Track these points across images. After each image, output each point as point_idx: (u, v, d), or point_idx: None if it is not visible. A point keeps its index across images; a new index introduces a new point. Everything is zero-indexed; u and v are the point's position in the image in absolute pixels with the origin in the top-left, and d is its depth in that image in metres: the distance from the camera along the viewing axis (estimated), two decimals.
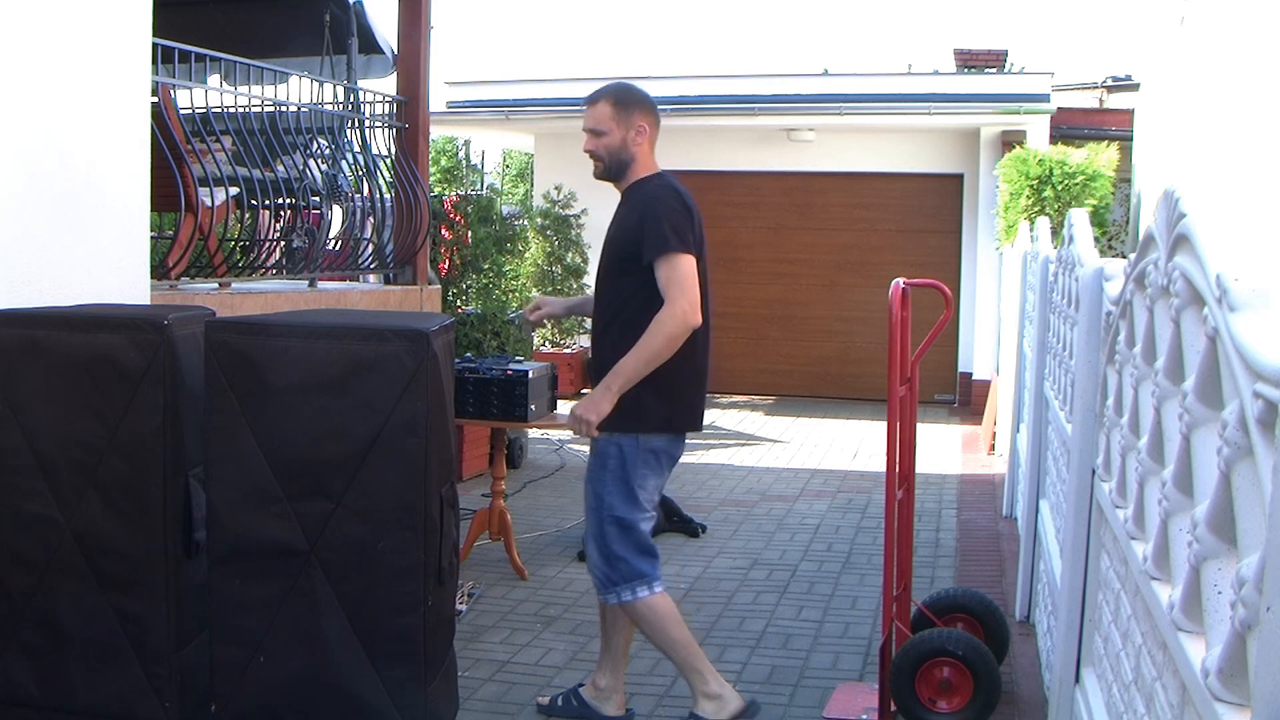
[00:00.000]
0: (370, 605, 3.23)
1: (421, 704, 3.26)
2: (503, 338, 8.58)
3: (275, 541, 3.24)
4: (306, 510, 3.22)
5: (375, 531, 3.20)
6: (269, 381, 3.23)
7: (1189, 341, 1.82)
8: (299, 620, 3.25)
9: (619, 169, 3.90)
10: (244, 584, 3.29)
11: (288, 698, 3.28)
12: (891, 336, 3.97)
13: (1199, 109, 7.81)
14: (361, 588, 3.23)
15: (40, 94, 3.88)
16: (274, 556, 3.25)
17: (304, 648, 3.25)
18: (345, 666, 3.23)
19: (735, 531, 6.81)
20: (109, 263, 4.19)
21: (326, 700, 3.25)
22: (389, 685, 3.23)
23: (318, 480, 3.22)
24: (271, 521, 3.23)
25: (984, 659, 3.87)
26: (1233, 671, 1.40)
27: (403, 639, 3.23)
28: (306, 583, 3.24)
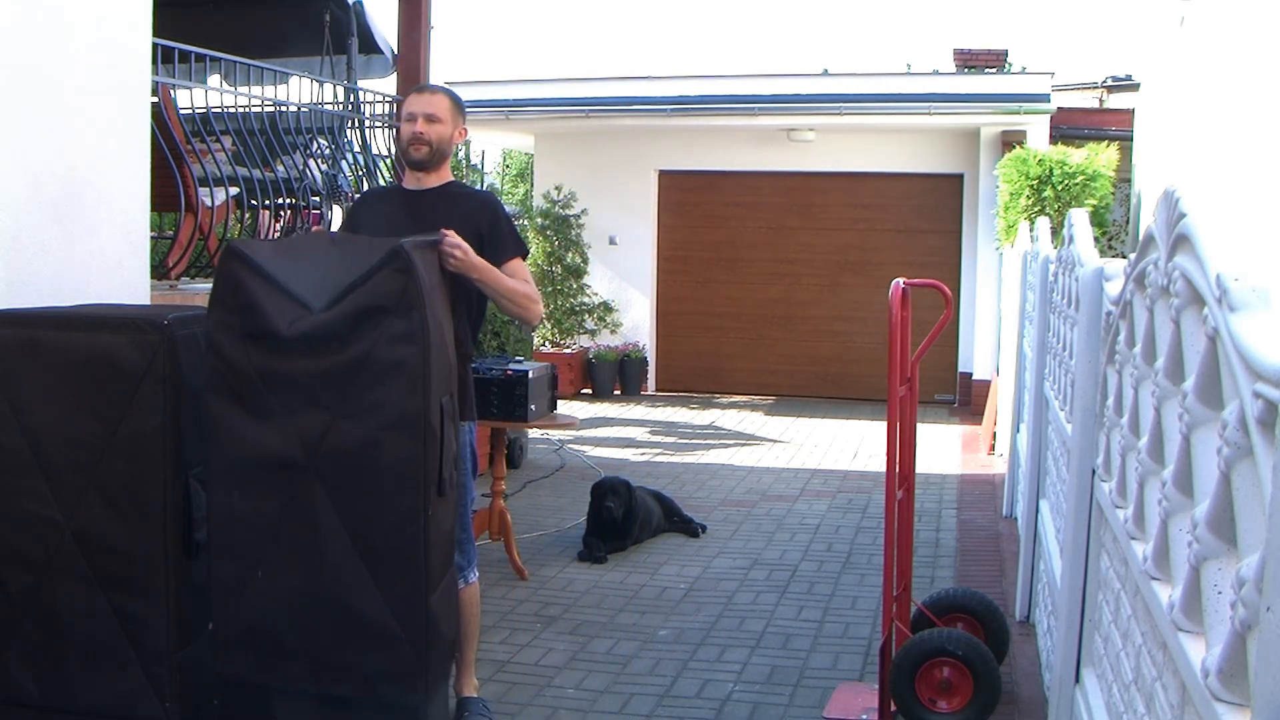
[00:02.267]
0: (370, 517, 3.18)
1: (423, 617, 3.22)
2: (503, 338, 8.58)
3: (274, 454, 3.20)
4: (305, 423, 3.18)
5: (374, 442, 3.16)
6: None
7: (1189, 341, 1.82)
8: (297, 534, 3.21)
9: (437, 160, 3.96)
10: (242, 498, 3.24)
11: (286, 613, 3.25)
12: (891, 336, 3.97)
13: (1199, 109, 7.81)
14: (360, 500, 3.18)
15: (40, 94, 3.88)
16: (272, 470, 3.21)
17: (302, 562, 3.21)
18: (344, 580, 3.18)
19: (735, 531, 6.81)
20: (109, 263, 4.19)
21: (325, 615, 3.22)
22: (389, 598, 3.19)
23: (314, 392, 3.19)
24: (270, 434, 3.19)
25: (984, 659, 3.87)
26: (1233, 671, 1.40)
27: (403, 551, 3.18)
28: (305, 496, 3.19)
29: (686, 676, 4.50)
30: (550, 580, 5.77)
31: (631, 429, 10.54)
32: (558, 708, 4.18)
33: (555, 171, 13.09)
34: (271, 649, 3.29)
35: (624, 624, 5.12)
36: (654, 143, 12.81)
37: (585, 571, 5.93)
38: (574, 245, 12.56)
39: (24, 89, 3.81)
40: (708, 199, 12.91)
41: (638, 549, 6.32)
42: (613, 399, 12.38)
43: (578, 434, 9.54)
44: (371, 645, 3.22)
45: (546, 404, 5.95)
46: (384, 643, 3.21)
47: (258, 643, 3.30)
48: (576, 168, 12.95)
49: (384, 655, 3.23)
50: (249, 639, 3.30)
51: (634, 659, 4.69)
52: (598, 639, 4.92)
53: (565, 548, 6.35)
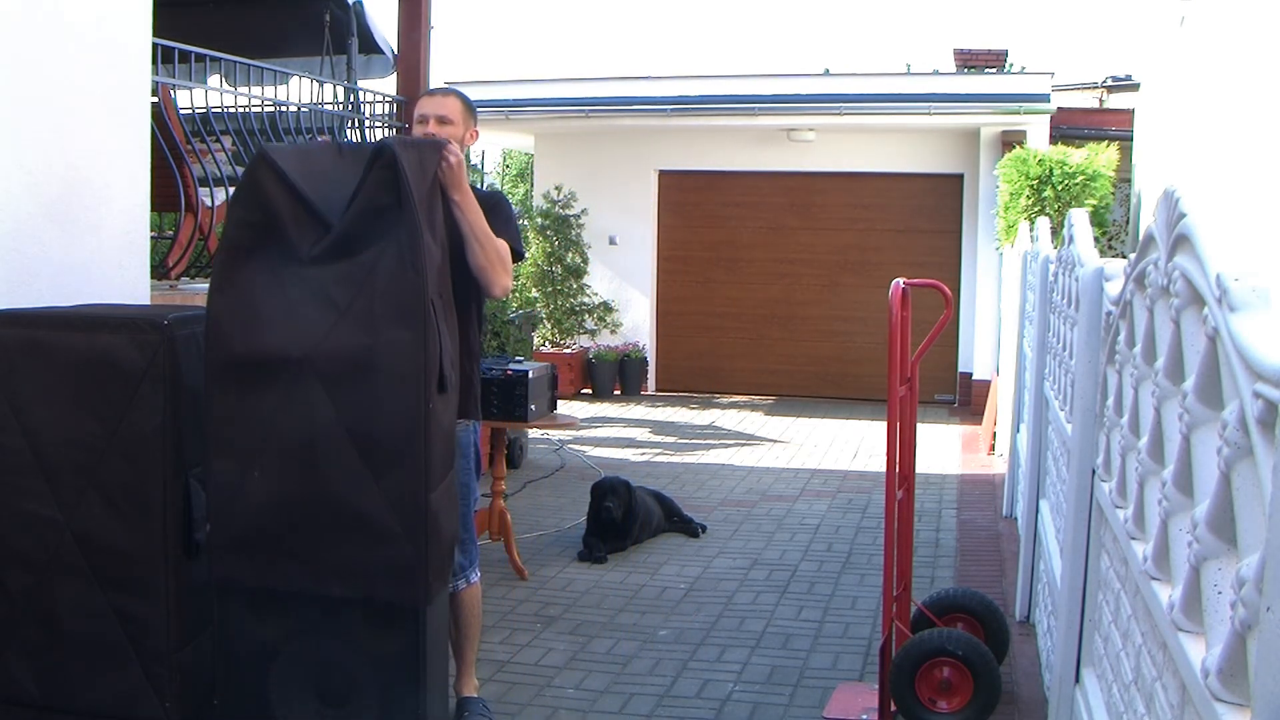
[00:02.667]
0: (370, 414, 3.16)
1: (423, 513, 3.18)
2: (503, 338, 8.58)
3: (274, 353, 3.18)
4: (309, 321, 3.18)
5: (372, 337, 3.14)
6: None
7: (1189, 341, 1.82)
8: (296, 432, 3.18)
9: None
10: (239, 397, 3.22)
11: (284, 513, 3.22)
12: (891, 336, 3.97)
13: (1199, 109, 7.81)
14: (360, 397, 3.15)
15: (40, 94, 3.88)
16: (272, 368, 3.18)
17: (301, 460, 3.19)
18: (343, 478, 3.16)
19: (735, 531, 6.81)
20: (109, 263, 4.19)
21: (324, 513, 3.19)
22: (388, 495, 3.16)
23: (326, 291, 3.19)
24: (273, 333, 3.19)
25: (984, 659, 3.87)
26: (1233, 671, 1.40)
27: (403, 447, 3.15)
28: (304, 394, 3.16)
29: (686, 676, 4.51)
30: (550, 580, 5.77)
31: (631, 429, 10.54)
32: (558, 708, 4.18)
33: (555, 171, 13.09)
34: (268, 551, 3.25)
35: (624, 624, 5.12)
36: (654, 143, 12.81)
37: (585, 571, 5.93)
38: (574, 245, 12.56)
39: (24, 89, 3.81)
40: (708, 199, 12.90)
41: (638, 549, 6.32)
42: (613, 399, 12.38)
43: (578, 434, 9.54)
44: (370, 542, 3.18)
45: (546, 404, 5.95)
46: (383, 539, 3.17)
47: (254, 545, 3.26)
48: (576, 168, 12.95)
49: (383, 552, 3.19)
50: (245, 542, 3.27)
51: (634, 659, 4.69)
52: (598, 639, 4.92)
53: (565, 548, 6.35)
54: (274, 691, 3.35)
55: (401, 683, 3.30)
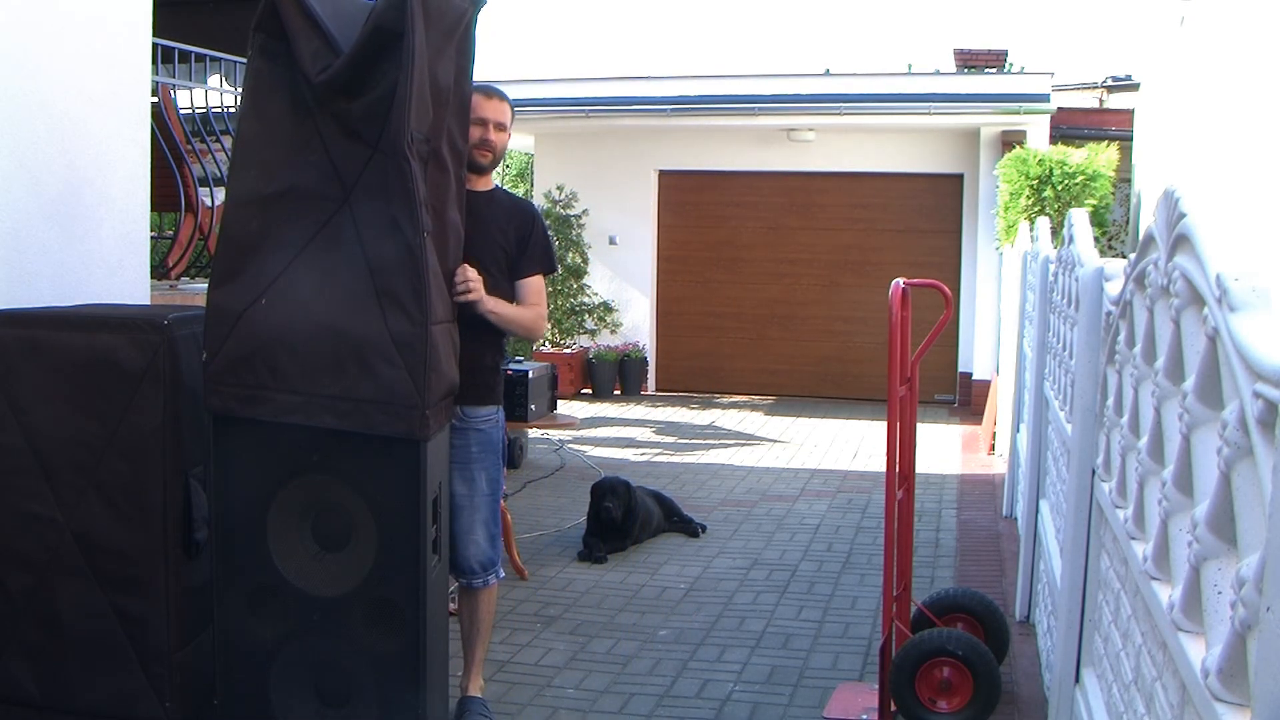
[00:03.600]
0: (385, 245, 3.24)
1: (423, 343, 3.23)
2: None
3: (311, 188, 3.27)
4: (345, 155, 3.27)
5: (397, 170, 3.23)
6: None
7: (1189, 341, 1.82)
8: (315, 262, 3.26)
9: (494, 166, 3.99)
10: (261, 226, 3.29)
11: (286, 342, 3.25)
12: (891, 336, 3.97)
13: (1199, 109, 7.81)
14: (380, 227, 3.24)
15: (41, 95, 3.88)
16: (306, 199, 3.27)
17: (314, 289, 3.25)
18: (354, 307, 3.23)
19: (735, 531, 6.81)
20: (109, 263, 4.19)
21: (328, 342, 3.24)
22: (391, 325, 3.22)
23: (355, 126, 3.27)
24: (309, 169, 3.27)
25: (984, 659, 3.87)
26: (1233, 671, 1.40)
27: (409, 277, 3.23)
28: (335, 225, 3.26)
29: (686, 676, 4.50)
30: (550, 580, 5.77)
31: (631, 429, 10.53)
32: (558, 708, 4.18)
33: (555, 171, 13.09)
34: (266, 379, 3.27)
35: (624, 624, 5.12)
36: (654, 143, 12.81)
37: (585, 571, 5.93)
38: (574, 245, 12.56)
39: (24, 89, 3.81)
40: (708, 199, 12.90)
41: (638, 549, 6.32)
42: (613, 399, 12.38)
43: (578, 434, 9.54)
44: (371, 371, 3.22)
45: (546, 404, 5.96)
46: (385, 367, 3.22)
47: (252, 373, 3.28)
48: (576, 168, 12.95)
49: (383, 382, 3.22)
50: (243, 369, 3.28)
51: (634, 659, 4.69)
52: (598, 639, 4.92)
53: (565, 548, 6.35)
54: (274, 691, 3.35)
55: (401, 683, 3.30)
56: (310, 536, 3.33)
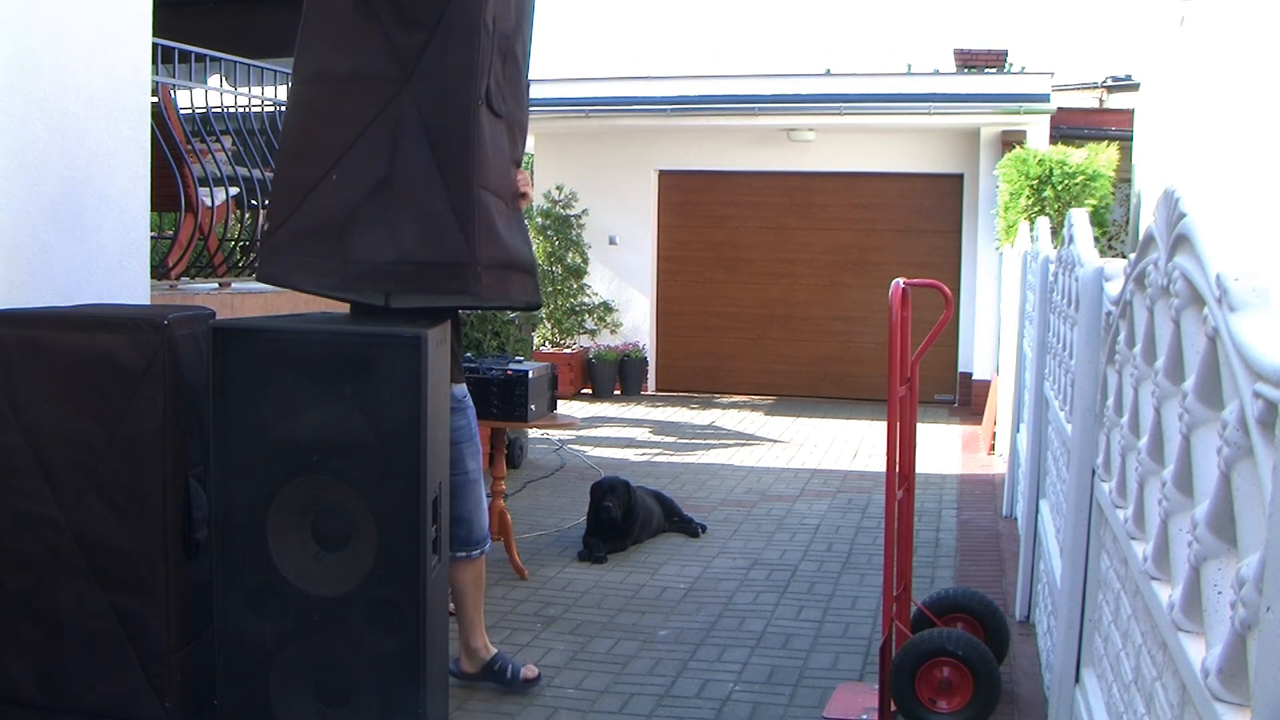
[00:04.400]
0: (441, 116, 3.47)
1: (476, 205, 3.46)
2: (503, 338, 8.58)
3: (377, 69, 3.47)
4: (404, 41, 3.47)
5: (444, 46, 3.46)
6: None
7: (1189, 341, 1.82)
8: (382, 137, 3.46)
9: None
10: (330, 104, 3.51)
11: (347, 213, 3.46)
12: (891, 336, 3.97)
13: (1199, 109, 7.81)
14: (436, 99, 3.46)
15: (41, 94, 3.88)
16: (372, 81, 3.47)
17: (381, 163, 3.45)
18: (417, 178, 3.46)
19: (735, 531, 6.81)
20: (109, 263, 4.19)
21: (390, 214, 3.46)
22: (450, 191, 3.45)
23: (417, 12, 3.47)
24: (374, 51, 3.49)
25: (984, 659, 3.87)
26: (1233, 671, 1.40)
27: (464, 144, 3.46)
28: (396, 105, 3.46)
29: (686, 676, 4.50)
30: (550, 580, 5.77)
31: (631, 429, 10.53)
32: (558, 708, 4.18)
33: (555, 171, 13.09)
34: (334, 248, 3.48)
35: (624, 624, 5.12)
36: (654, 143, 12.81)
37: (585, 571, 5.93)
38: (574, 245, 12.56)
39: (24, 89, 3.81)
40: (708, 199, 12.91)
41: (638, 549, 6.32)
42: (613, 399, 12.38)
43: (578, 434, 9.54)
44: (429, 235, 3.44)
45: (546, 404, 5.95)
46: (442, 234, 3.44)
47: (320, 243, 3.48)
48: (576, 168, 12.95)
49: (440, 247, 3.44)
50: (311, 240, 3.48)
51: (634, 659, 4.69)
52: (598, 639, 4.92)
53: (565, 548, 6.34)
54: (274, 691, 3.35)
55: (401, 683, 3.30)
56: (310, 536, 3.33)
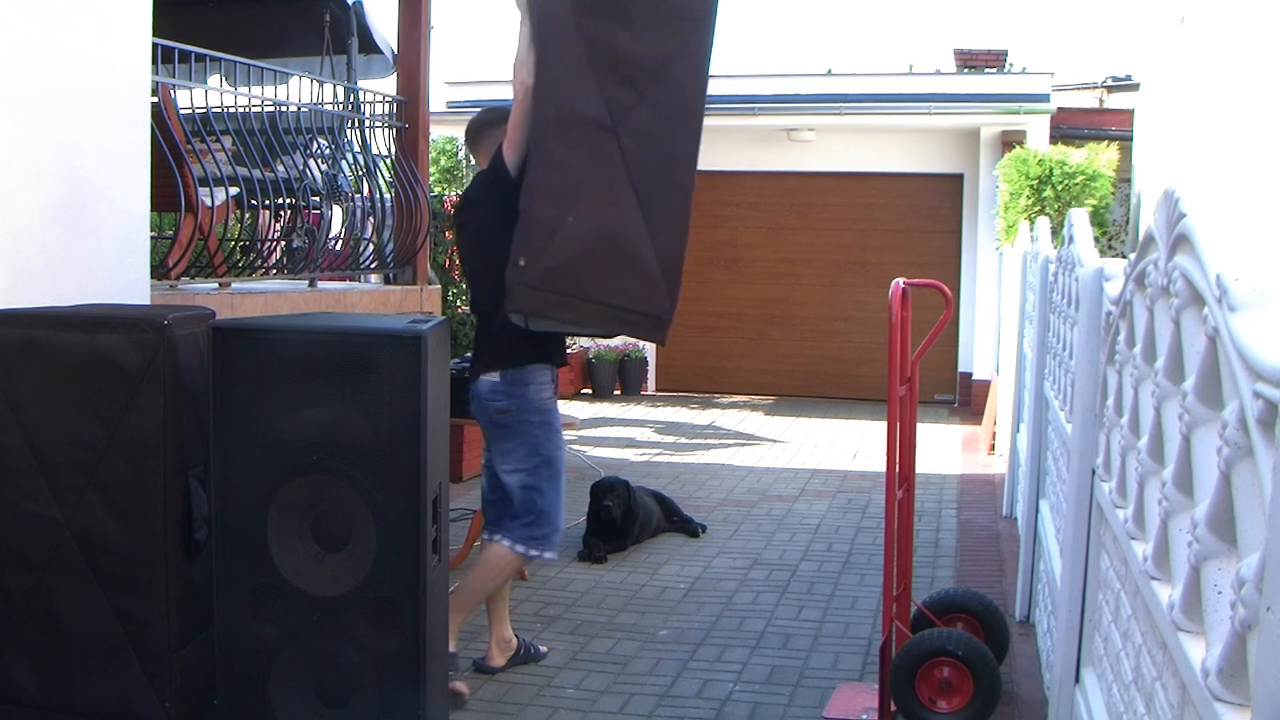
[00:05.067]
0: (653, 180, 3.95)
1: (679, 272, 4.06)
2: None
3: (587, 113, 3.83)
4: (615, 96, 3.86)
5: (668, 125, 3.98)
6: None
7: (1189, 341, 1.82)
8: (603, 185, 3.86)
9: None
10: (562, 147, 3.83)
11: (587, 253, 3.84)
12: (891, 336, 3.97)
13: (1199, 109, 7.81)
14: (651, 167, 3.93)
15: (41, 94, 3.88)
16: (589, 127, 3.83)
17: (603, 210, 3.86)
18: (632, 226, 3.90)
19: (735, 531, 6.81)
20: (109, 263, 4.19)
21: (613, 257, 3.89)
22: (657, 249, 3.93)
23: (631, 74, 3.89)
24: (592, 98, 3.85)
25: (984, 659, 3.87)
26: (1233, 671, 1.40)
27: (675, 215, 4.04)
28: (608, 155, 3.85)
29: (686, 676, 4.50)
30: (550, 580, 5.77)
31: (631, 429, 10.53)
32: (558, 708, 4.18)
33: None
34: (574, 288, 3.86)
35: (624, 624, 5.12)
36: None
37: (585, 571, 5.93)
38: None
39: (24, 89, 3.81)
40: (708, 199, 12.87)
41: (638, 549, 6.32)
42: (613, 399, 12.38)
43: (578, 434, 9.54)
44: (645, 288, 3.96)
45: None
46: (653, 289, 3.99)
47: (566, 280, 3.83)
48: None
49: (653, 297, 3.99)
50: (560, 277, 3.82)
51: (634, 659, 4.69)
52: (598, 639, 4.92)
53: (565, 548, 6.34)
54: (274, 691, 3.35)
55: (401, 683, 3.31)
56: (310, 536, 3.34)
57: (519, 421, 4.12)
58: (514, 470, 4.15)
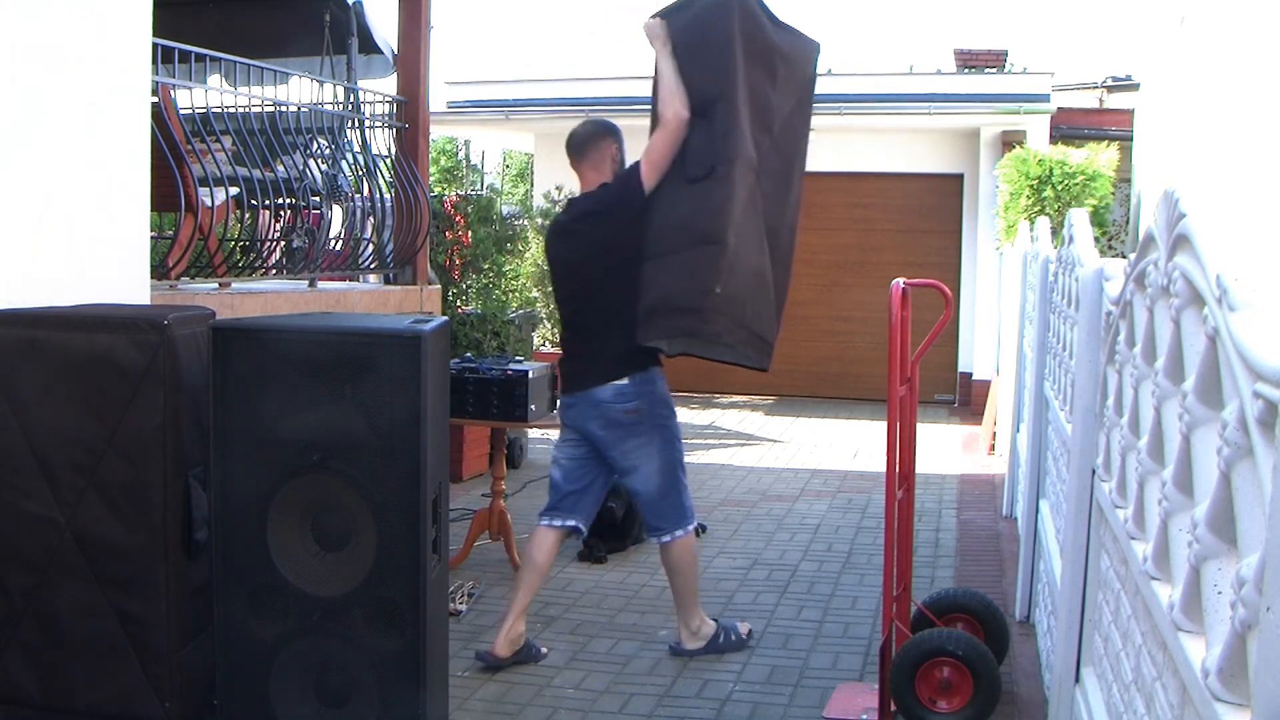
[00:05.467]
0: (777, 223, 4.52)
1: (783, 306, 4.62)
2: (503, 338, 8.58)
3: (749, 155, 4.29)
4: (759, 140, 4.33)
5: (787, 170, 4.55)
6: None
7: (1189, 341, 1.82)
8: (752, 219, 4.33)
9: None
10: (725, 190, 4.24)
11: (749, 284, 4.34)
12: (891, 337, 3.97)
13: (1199, 109, 7.80)
14: (774, 206, 4.46)
15: (41, 94, 3.88)
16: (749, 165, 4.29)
17: (756, 243, 4.37)
18: (764, 261, 4.43)
19: (735, 531, 6.81)
20: (109, 263, 4.19)
21: (761, 287, 4.42)
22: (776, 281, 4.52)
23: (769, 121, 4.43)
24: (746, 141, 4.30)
25: (984, 659, 3.87)
26: (1233, 671, 1.40)
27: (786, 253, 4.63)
28: (754, 192, 4.33)
29: (686, 676, 4.50)
30: (550, 580, 5.77)
31: None
32: (558, 708, 4.18)
33: (555, 171, 13.03)
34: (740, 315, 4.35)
35: (624, 624, 5.12)
36: None
37: (585, 571, 5.92)
38: None
39: (24, 89, 3.81)
40: None
41: (638, 549, 6.32)
42: None
43: None
44: (771, 317, 4.49)
45: (546, 404, 5.95)
46: (773, 317, 4.52)
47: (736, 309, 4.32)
48: None
49: (772, 327, 4.52)
50: (733, 304, 4.28)
51: (634, 659, 4.69)
52: (598, 639, 4.92)
53: (565, 548, 6.33)
54: (274, 691, 3.35)
55: (401, 683, 3.31)
56: (310, 536, 3.33)
57: (651, 415, 4.56)
58: (653, 458, 4.54)
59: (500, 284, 9.95)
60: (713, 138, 4.27)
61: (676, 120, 4.25)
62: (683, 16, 4.35)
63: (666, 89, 4.27)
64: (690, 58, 4.30)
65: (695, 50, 4.30)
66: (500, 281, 9.97)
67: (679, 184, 4.32)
